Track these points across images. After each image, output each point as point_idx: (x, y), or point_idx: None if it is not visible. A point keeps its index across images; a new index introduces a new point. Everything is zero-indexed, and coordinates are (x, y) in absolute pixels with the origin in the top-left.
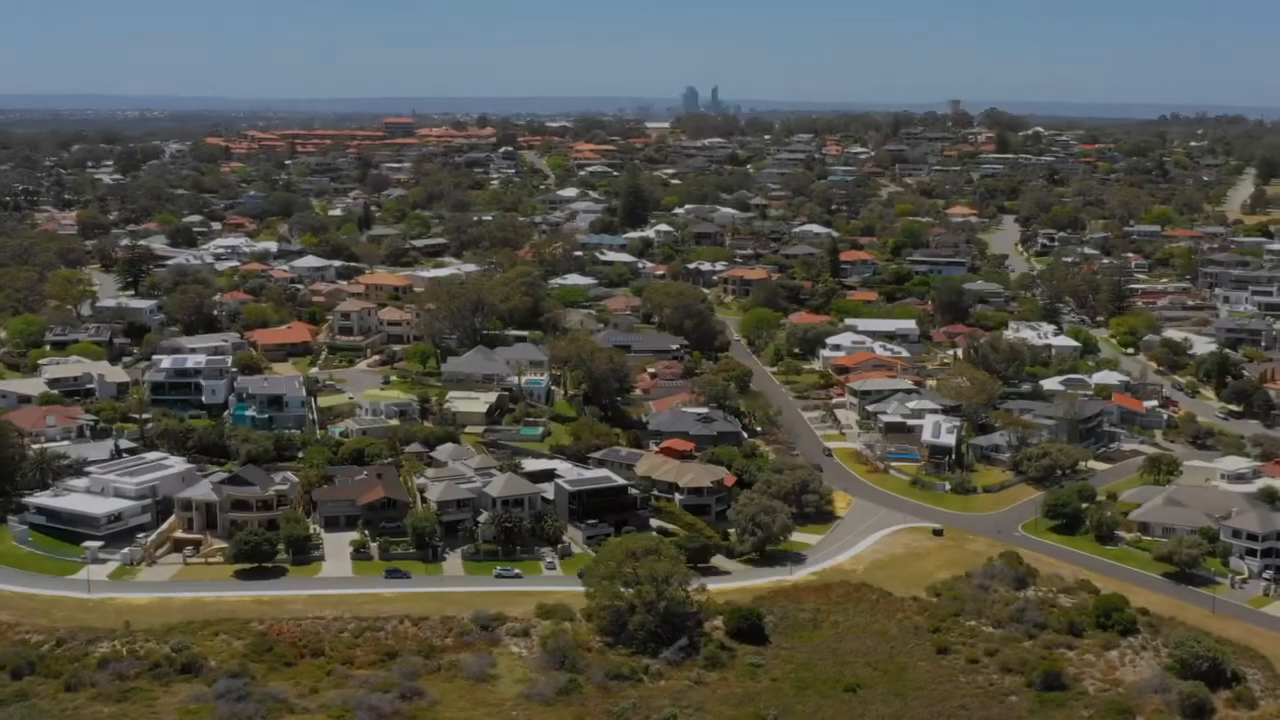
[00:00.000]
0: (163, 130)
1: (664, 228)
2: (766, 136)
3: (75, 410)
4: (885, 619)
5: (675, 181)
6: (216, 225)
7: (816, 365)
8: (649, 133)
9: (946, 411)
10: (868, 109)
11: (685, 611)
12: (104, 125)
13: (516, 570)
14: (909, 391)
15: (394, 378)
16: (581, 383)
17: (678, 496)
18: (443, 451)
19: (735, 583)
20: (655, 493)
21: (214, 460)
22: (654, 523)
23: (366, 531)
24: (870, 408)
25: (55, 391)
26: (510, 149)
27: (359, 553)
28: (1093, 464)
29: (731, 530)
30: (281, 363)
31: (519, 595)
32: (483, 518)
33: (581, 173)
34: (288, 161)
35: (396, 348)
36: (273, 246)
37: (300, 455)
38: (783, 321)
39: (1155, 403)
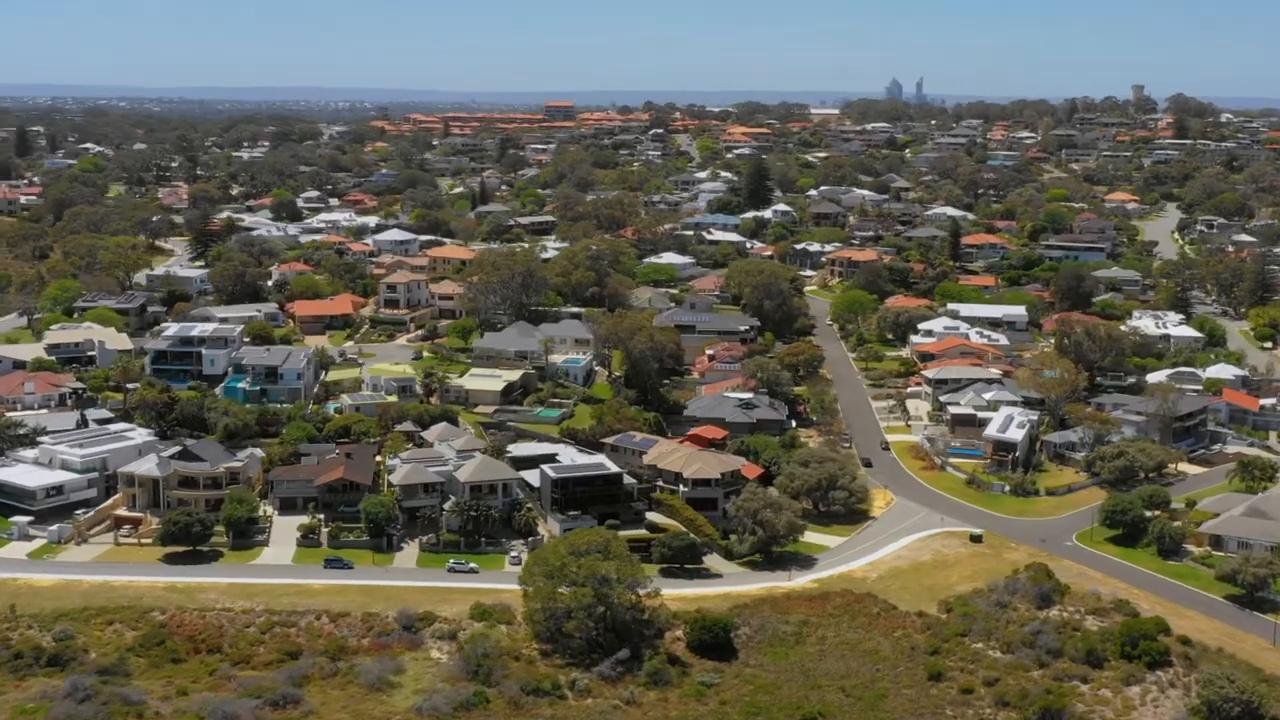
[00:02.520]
0: (345, 119)
1: (783, 208)
2: (933, 122)
3: (65, 377)
4: (881, 636)
5: (817, 164)
6: (334, 201)
7: (906, 352)
8: (811, 118)
9: (1028, 404)
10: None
11: (635, 618)
12: (313, 117)
13: (473, 565)
14: (990, 381)
15: (426, 352)
16: (625, 363)
17: (681, 488)
18: (432, 431)
19: (722, 587)
20: (660, 483)
21: (194, 434)
22: (654, 517)
23: (321, 516)
24: (943, 398)
25: (52, 358)
26: (661, 131)
27: (306, 538)
28: (1185, 467)
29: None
30: (317, 335)
31: (466, 593)
32: (447, 505)
33: (729, 155)
34: (435, 143)
35: (445, 322)
36: (371, 221)
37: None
38: (879, 305)
39: (1276, 400)
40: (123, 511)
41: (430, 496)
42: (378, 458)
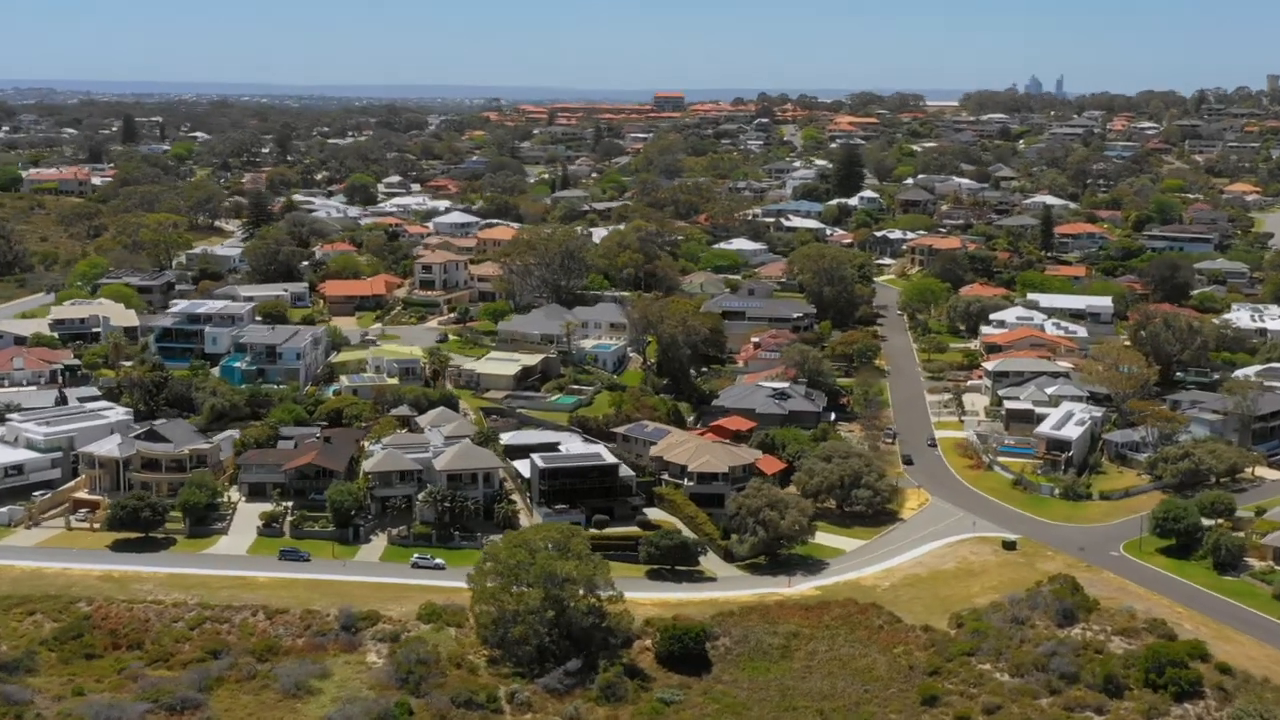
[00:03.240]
0: (454, 111)
1: (869, 194)
2: (1052, 113)
3: (62, 354)
4: (878, 652)
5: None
6: (416, 187)
7: (974, 344)
8: (925, 109)
9: (1094, 400)
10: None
11: (593, 625)
12: (428, 110)
13: (439, 560)
14: (1055, 375)
15: (452, 335)
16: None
17: (686, 483)
18: (426, 417)
19: (712, 592)
20: (665, 476)
21: (182, 414)
22: (655, 513)
23: (289, 503)
24: (1001, 393)
25: (54, 334)
26: (766, 121)
27: (268, 527)
28: (1264, 471)
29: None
30: (346, 316)
31: (424, 591)
32: (421, 495)
33: (833, 145)
34: (536, 131)
35: (481, 305)
36: (442, 205)
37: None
38: (952, 294)
39: None
40: (83, 494)
41: (406, 485)
42: (363, 443)
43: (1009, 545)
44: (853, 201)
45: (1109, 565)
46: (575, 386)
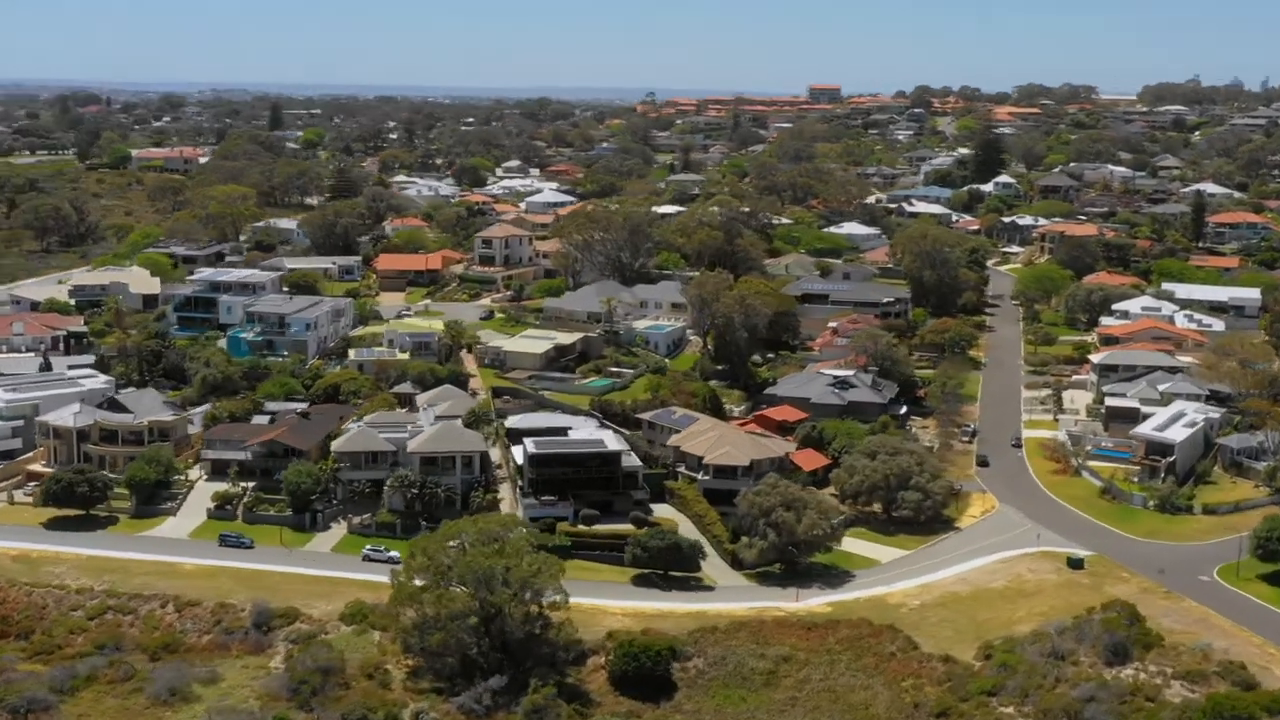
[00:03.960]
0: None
1: (1007, 180)
2: (1235, 104)
3: (70, 320)
4: (883, 685)
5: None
6: (535, 171)
7: (1091, 336)
8: (1096, 100)
9: (1217, 400)
10: None
11: (529, 635)
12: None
13: (394, 553)
14: (1171, 370)
15: (497, 312)
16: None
17: (700, 477)
18: (425, 395)
19: (703, 603)
20: (681, 469)
21: (176, 386)
22: (664, 510)
23: (248, 484)
24: (1106, 389)
25: (70, 300)
26: (920, 111)
27: (221, 509)
28: None
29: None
30: (395, 291)
31: (362, 587)
32: (390, 479)
33: (989, 135)
34: (679, 121)
35: (539, 282)
36: (550, 186)
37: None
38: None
39: None
40: (38, 466)
41: (378, 468)
42: (346, 422)
43: (1075, 563)
44: (987, 187)
45: (1194, 592)
46: (614, 369)
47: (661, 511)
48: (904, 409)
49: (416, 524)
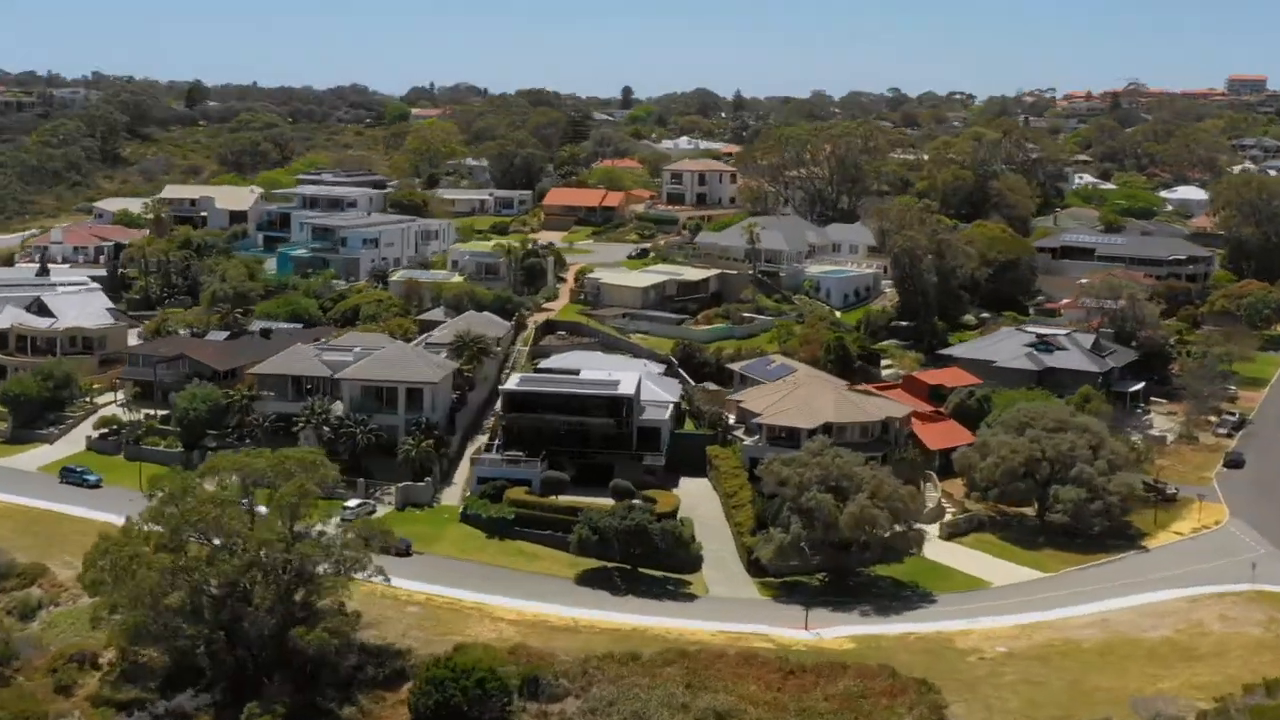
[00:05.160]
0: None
1: None
2: None
3: (130, 232)
4: None
5: None
6: None
7: None
8: None
9: None
10: None
11: (278, 631)
12: None
13: (94, 476)
14: None
15: (654, 253)
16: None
17: (745, 441)
18: (452, 323)
19: (659, 618)
20: (740, 433)
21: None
22: (692, 486)
23: (149, 413)
24: None
25: (150, 215)
26: None
27: (105, 438)
28: None
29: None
30: (558, 230)
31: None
32: (299, 412)
33: None
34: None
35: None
36: None
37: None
38: None
39: None
40: None
41: (307, 402)
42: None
43: None
44: None
45: None
46: (748, 315)
47: (688, 487)
48: (1140, 385)
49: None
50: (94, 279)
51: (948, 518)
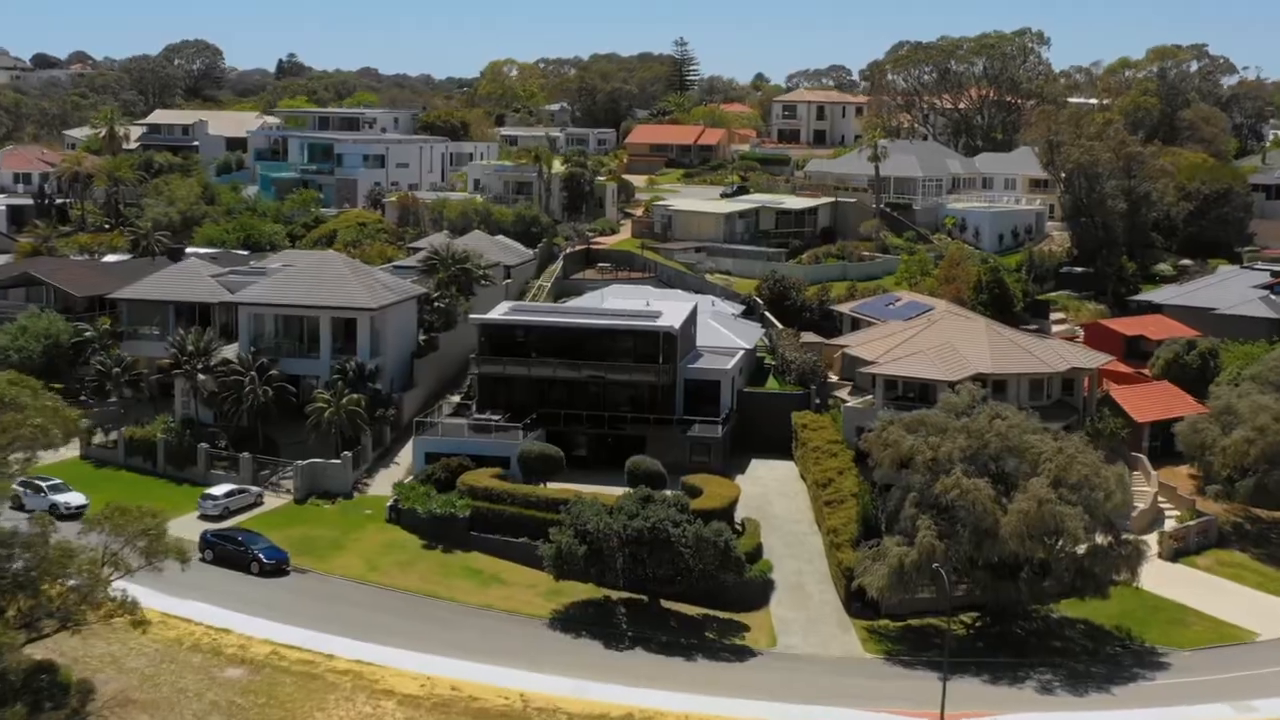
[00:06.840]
0: None
1: None
2: None
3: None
4: None
5: None
6: None
7: None
8: None
9: None
10: None
11: None
12: None
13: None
14: None
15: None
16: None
17: (848, 403)
18: (434, 237)
19: (682, 693)
20: (846, 393)
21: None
22: (774, 468)
23: None
24: None
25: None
26: None
27: None
28: None
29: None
30: (643, 174)
31: None
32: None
33: None
34: None
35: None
36: None
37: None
38: None
39: None
40: None
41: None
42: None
43: None
44: None
45: None
46: (866, 253)
47: (770, 472)
48: None
49: (223, 434)
50: (11, 207)
51: (1169, 524)
